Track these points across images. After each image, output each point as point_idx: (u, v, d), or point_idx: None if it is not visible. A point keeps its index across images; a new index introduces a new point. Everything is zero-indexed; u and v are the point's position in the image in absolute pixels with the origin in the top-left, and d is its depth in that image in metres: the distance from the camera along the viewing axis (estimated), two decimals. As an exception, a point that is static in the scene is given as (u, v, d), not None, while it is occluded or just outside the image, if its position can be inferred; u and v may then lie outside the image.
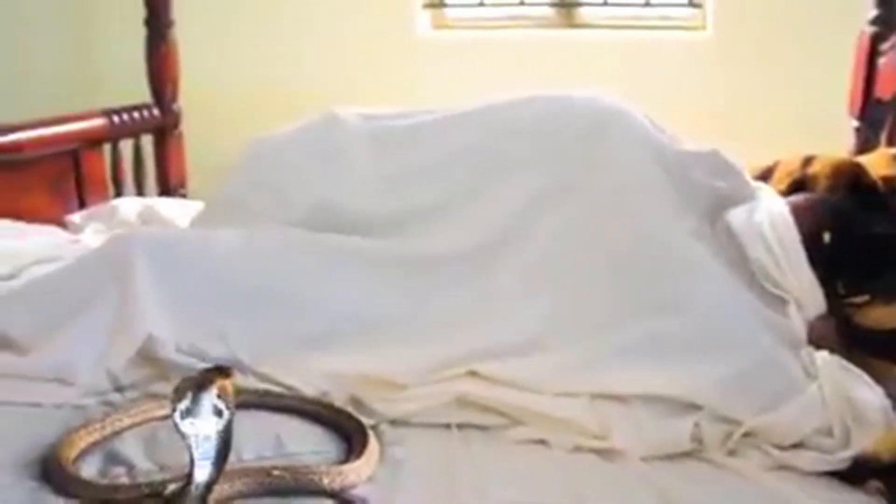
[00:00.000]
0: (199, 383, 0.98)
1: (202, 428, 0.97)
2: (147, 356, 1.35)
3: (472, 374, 1.29)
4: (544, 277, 1.42)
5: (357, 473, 1.11)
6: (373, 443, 1.17)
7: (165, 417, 1.24)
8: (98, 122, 2.35)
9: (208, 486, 0.97)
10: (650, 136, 1.57)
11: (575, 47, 2.96)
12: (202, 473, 0.96)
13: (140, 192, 2.55)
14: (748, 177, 1.59)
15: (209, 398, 0.97)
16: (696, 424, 1.19)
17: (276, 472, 1.08)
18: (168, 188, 2.62)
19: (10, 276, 1.67)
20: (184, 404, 0.97)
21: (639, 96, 1.70)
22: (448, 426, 1.24)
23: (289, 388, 1.32)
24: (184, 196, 2.65)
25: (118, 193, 2.46)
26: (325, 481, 1.08)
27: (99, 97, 2.57)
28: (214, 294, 1.43)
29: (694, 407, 1.22)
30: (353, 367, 1.32)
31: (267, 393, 1.31)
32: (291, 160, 1.67)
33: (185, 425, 0.96)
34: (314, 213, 1.56)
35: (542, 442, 1.20)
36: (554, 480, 1.10)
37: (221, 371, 0.99)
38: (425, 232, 1.51)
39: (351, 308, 1.43)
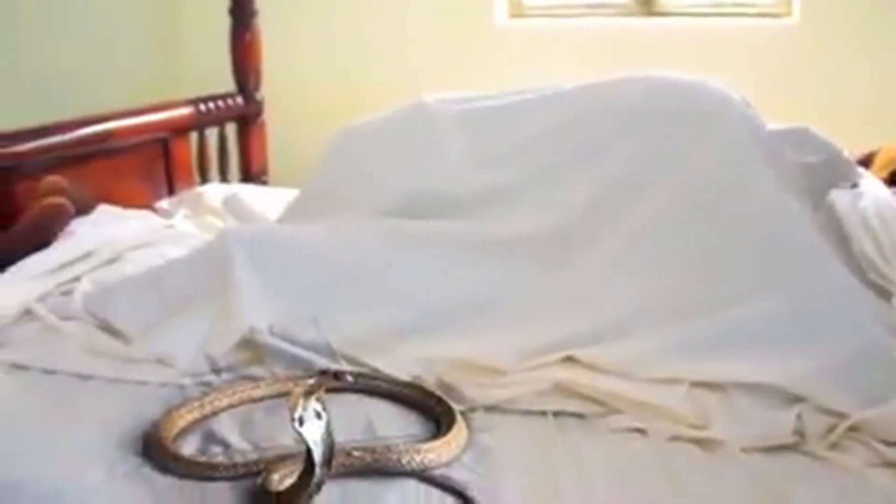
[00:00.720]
0: (307, 390, 1.01)
1: (313, 433, 1.00)
2: (243, 342, 1.38)
3: (569, 359, 1.27)
4: (642, 258, 1.40)
5: (437, 454, 1.11)
6: (458, 426, 1.17)
7: (261, 399, 1.29)
8: (185, 111, 2.41)
9: (318, 486, 1.00)
10: (749, 117, 1.53)
11: (654, 36, 2.91)
12: (318, 473, 1.00)
13: (224, 178, 2.61)
14: (844, 152, 1.55)
15: (312, 403, 1.01)
16: (799, 416, 1.15)
17: (356, 454, 1.10)
18: (250, 175, 2.67)
19: (111, 261, 1.74)
20: (298, 413, 1.00)
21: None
22: (541, 413, 1.23)
23: (379, 372, 1.33)
24: (265, 183, 2.70)
25: (203, 180, 2.51)
26: (404, 460, 1.10)
27: (184, 86, 2.64)
28: (308, 283, 1.45)
29: (796, 398, 1.18)
30: (447, 353, 1.33)
31: (358, 376, 1.32)
32: (383, 148, 1.69)
33: (305, 432, 1.00)
34: (408, 198, 1.57)
35: (639, 430, 1.18)
36: (654, 470, 1.09)
37: (334, 375, 1.01)
38: (520, 212, 1.51)
39: (443, 293, 1.43)
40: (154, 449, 1.15)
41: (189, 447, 1.17)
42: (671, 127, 1.53)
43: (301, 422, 0.99)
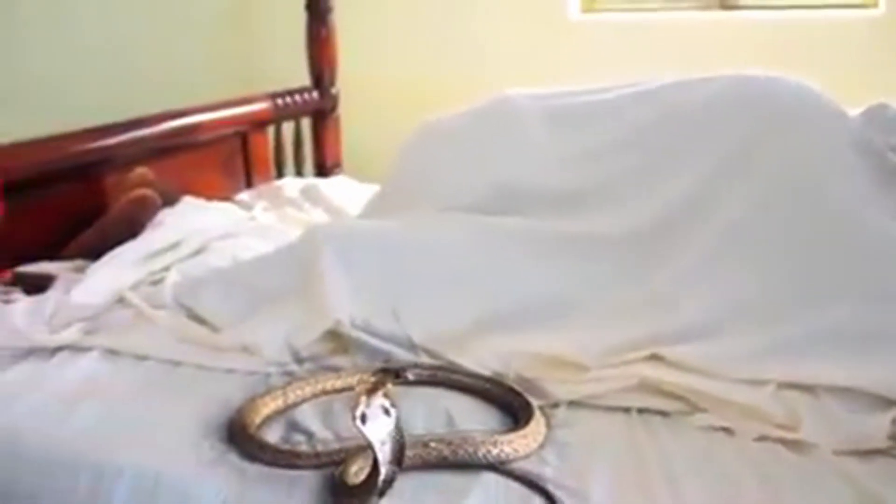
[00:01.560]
0: (369, 388, 1.01)
1: (379, 431, 1.00)
2: (325, 333, 1.39)
3: (654, 357, 1.26)
4: (731, 257, 1.38)
5: (513, 447, 1.11)
6: (536, 421, 1.17)
7: (342, 390, 1.31)
8: (264, 105, 2.46)
9: (389, 482, 1.01)
10: (837, 111, 1.50)
11: (731, 29, 2.86)
12: (384, 470, 1.00)
13: (299, 172, 2.65)
14: None
15: (378, 400, 1.01)
16: (894, 421, 1.12)
17: (433, 445, 1.11)
18: (324, 168, 2.70)
19: (198, 252, 1.79)
20: (360, 410, 1.00)
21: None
22: (625, 410, 1.22)
23: (458, 366, 1.33)
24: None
25: (279, 174, 2.56)
26: (480, 452, 1.10)
27: (260, 80, 2.69)
28: (392, 278, 1.46)
29: (890, 402, 1.15)
30: (531, 348, 1.32)
31: (438, 369, 1.33)
32: (467, 142, 1.69)
33: (368, 430, 1.00)
34: (493, 194, 1.57)
35: (724, 430, 1.16)
36: (745, 471, 1.07)
37: (396, 374, 1.01)
38: (606, 210, 1.50)
39: (526, 290, 1.43)
40: (239, 436, 1.18)
41: (273, 435, 1.20)
42: (760, 124, 1.50)
43: (364, 419, 1.00)
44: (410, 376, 1.00)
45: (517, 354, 1.31)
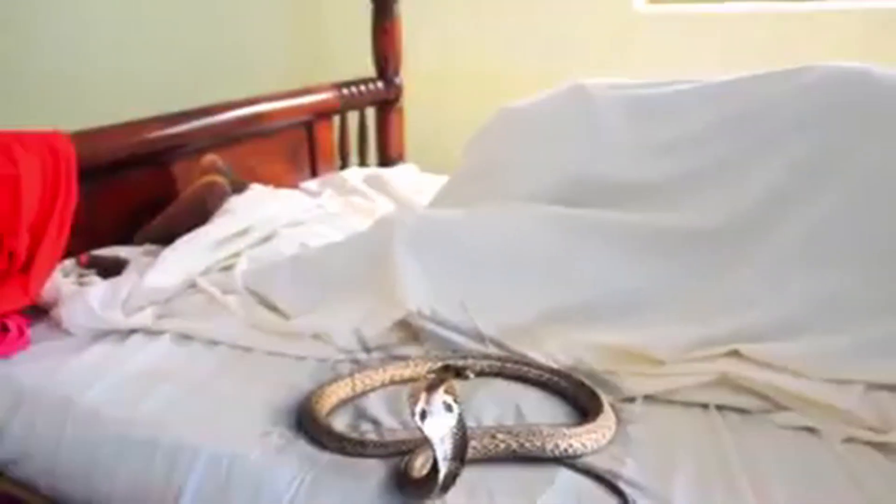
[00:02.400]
0: (429, 385, 1.00)
1: (440, 428, 0.99)
2: (394, 323, 1.39)
3: (734, 354, 1.23)
4: (818, 254, 1.33)
5: (581, 441, 1.10)
6: (605, 415, 1.15)
7: (411, 379, 1.30)
8: (330, 95, 2.46)
9: (452, 478, 1.00)
10: None
11: (805, 21, 2.77)
12: (444, 466, 0.99)
13: (363, 162, 2.65)
14: None
15: (439, 396, 1.00)
16: None
17: (500, 436, 1.09)
18: (387, 159, 2.70)
19: (267, 238, 1.80)
20: (419, 407, 0.99)
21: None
22: (702, 407, 1.19)
23: (527, 358, 1.32)
24: (400, 168, 2.73)
25: (344, 163, 2.56)
26: (548, 446, 1.08)
27: (325, 71, 2.70)
28: (464, 268, 1.45)
29: None
30: (603, 341, 1.30)
31: (507, 360, 1.32)
32: (543, 130, 1.66)
33: (427, 427, 0.99)
34: (567, 184, 1.54)
35: (808, 430, 1.13)
36: (834, 473, 1.04)
37: (456, 372, 0.99)
38: (684, 204, 1.45)
39: (600, 282, 1.40)
40: (309, 423, 1.18)
41: (340, 423, 1.20)
42: (849, 118, 1.44)
43: (424, 416, 0.99)
44: (472, 375, 0.98)
45: (589, 347, 1.29)
